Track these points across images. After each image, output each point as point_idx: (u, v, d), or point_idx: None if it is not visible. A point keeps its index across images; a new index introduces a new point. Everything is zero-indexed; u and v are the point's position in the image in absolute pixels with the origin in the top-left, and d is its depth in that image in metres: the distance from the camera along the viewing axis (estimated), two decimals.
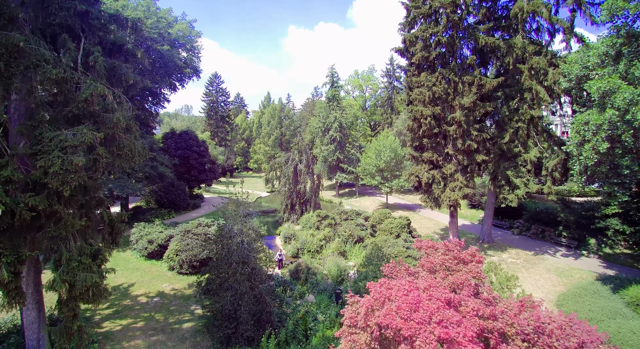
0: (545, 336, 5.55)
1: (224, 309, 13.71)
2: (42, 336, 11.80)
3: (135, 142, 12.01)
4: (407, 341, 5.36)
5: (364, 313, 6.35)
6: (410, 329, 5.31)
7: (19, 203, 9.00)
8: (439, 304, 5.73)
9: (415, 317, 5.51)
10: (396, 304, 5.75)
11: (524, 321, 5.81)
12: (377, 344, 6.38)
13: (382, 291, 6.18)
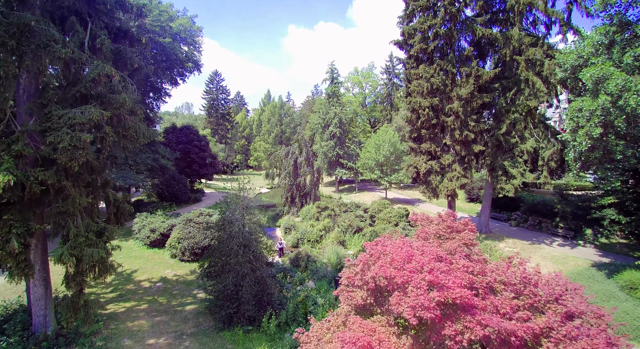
0: (531, 285, 5.88)
1: (226, 290, 14.03)
2: (49, 312, 12.13)
3: (140, 124, 12.37)
4: (400, 288, 5.69)
5: (360, 269, 6.70)
6: (402, 277, 5.64)
7: (29, 177, 9.35)
8: (430, 258, 6.07)
9: (407, 267, 5.84)
10: (390, 256, 6.09)
11: (511, 274, 6.15)
12: (373, 298, 6.72)
13: (377, 248, 6.52)
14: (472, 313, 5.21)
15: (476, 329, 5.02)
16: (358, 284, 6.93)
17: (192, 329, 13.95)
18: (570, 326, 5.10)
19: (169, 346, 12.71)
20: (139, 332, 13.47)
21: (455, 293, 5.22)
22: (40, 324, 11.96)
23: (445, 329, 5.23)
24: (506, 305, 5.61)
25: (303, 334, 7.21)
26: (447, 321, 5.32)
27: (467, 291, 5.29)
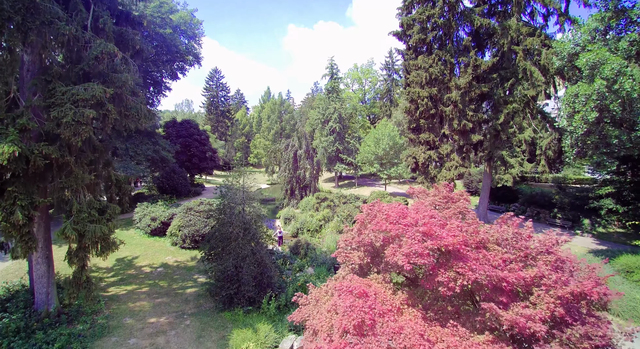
0: (523, 240, 6.06)
1: (227, 271, 14.20)
2: (51, 290, 12.30)
3: (141, 105, 12.54)
4: (395, 241, 5.87)
5: (357, 230, 6.88)
6: (397, 230, 5.82)
7: (33, 150, 9.53)
8: (425, 215, 6.24)
9: (402, 222, 6.02)
10: (386, 213, 6.27)
11: (504, 232, 6.33)
12: (369, 258, 6.90)
13: (374, 208, 6.69)
14: (464, 260, 5.39)
15: (468, 274, 5.20)
16: (355, 246, 7.11)
17: (192, 310, 14.12)
18: (560, 273, 5.28)
19: (170, 324, 12.88)
20: (140, 312, 13.64)
21: (448, 240, 5.39)
22: (42, 302, 12.13)
23: (439, 277, 5.41)
24: (498, 258, 5.79)
25: (302, 297, 7.38)
26: (440, 269, 5.49)
27: (459, 238, 5.47)
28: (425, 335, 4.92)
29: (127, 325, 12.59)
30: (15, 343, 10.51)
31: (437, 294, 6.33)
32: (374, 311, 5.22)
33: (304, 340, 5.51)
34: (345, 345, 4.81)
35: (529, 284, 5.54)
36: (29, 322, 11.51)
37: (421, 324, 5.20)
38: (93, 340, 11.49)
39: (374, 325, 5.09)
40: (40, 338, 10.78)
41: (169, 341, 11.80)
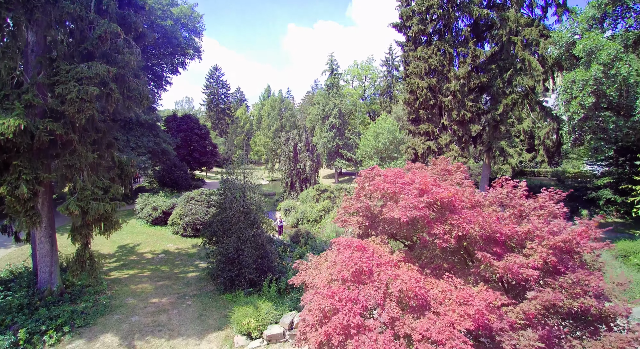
0: (517, 198, 6.22)
1: (228, 253, 14.36)
2: (54, 269, 12.46)
3: (143, 87, 12.73)
4: (393, 198, 6.03)
5: (355, 195, 7.04)
6: (395, 188, 5.98)
7: (38, 126, 9.70)
8: (421, 175, 6.41)
9: (399, 181, 6.19)
10: (383, 174, 6.43)
11: (498, 192, 6.49)
12: (368, 222, 7.07)
13: (372, 171, 6.86)
14: (459, 214, 5.55)
15: (463, 225, 5.36)
16: (354, 211, 7.28)
17: (194, 292, 14.27)
18: (553, 223, 5.45)
19: (172, 304, 13.03)
20: (142, 293, 13.80)
21: (444, 194, 5.56)
22: (45, 281, 12.28)
23: (434, 229, 5.56)
24: (493, 216, 5.94)
25: (302, 263, 7.53)
26: (436, 223, 5.66)
27: (454, 192, 5.64)
28: (421, 283, 5.08)
29: (130, 304, 12.75)
30: (19, 318, 10.67)
31: (433, 254, 6.49)
32: (371, 262, 5.38)
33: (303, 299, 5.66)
34: (344, 290, 4.98)
35: (523, 239, 5.70)
36: (32, 300, 11.67)
37: (417, 274, 5.36)
38: (96, 317, 11.64)
39: (371, 273, 5.25)
40: (43, 313, 10.93)
41: (170, 318, 11.96)
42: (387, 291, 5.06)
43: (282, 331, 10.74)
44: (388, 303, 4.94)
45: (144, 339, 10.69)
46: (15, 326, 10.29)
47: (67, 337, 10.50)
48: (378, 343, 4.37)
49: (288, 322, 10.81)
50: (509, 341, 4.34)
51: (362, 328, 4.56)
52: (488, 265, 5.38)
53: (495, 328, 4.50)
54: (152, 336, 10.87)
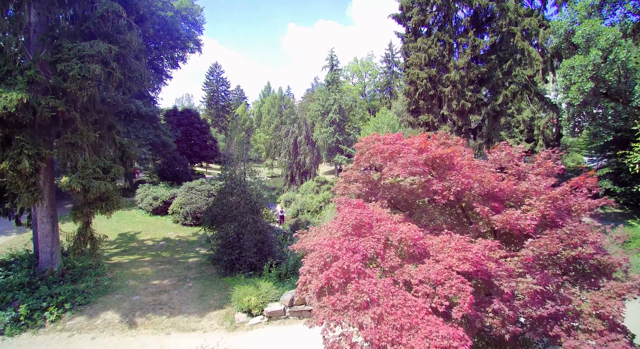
0: (514, 159, 6.28)
1: (228, 237, 14.42)
2: (55, 250, 12.51)
3: (144, 69, 12.79)
4: (393, 159, 6.09)
5: (355, 163, 7.10)
6: (394, 148, 6.04)
7: (40, 102, 9.76)
8: (420, 139, 6.47)
9: (398, 142, 6.25)
10: (383, 138, 6.49)
11: (497, 156, 6.55)
12: (368, 188, 7.12)
13: (372, 137, 6.92)
14: (457, 170, 5.62)
15: (461, 180, 5.41)
16: (354, 179, 7.34)
17: (195, 275, 14.32)
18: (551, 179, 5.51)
19: (173, 285, 13.08)
20: (143, 276, 13.85)
21: (443, 151, 5.62)
22: (46, 261, 12.33)
23: (433, 186, 5.62)
24: (491, 173, 5.99)
25: (303, 233, 7.57)
26: (435, 180, 5.71)
27: (453, 149, 5.70)
28: (421, 234, 5.13)
29: (131, 286, 12.80)
30: (20, 295, 10.70)
31: (433, 216, 6.55)
32: (371, 217, 5.44)
33: (304, 261, 5.71)
34: (344, 241, 5.03)
35: (521, 197, 5.76)
36: (33, 279, 11.71)
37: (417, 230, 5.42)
38: (97, 296, 11.70)
39: (371, 227, 5.30)
40: (44, 291, 10.98)
41: (171, 298, 12.01)
42: (387, 243, 5.12)
43: (283, 308, 10.80)
44: (388, 252, 5.00)
45: (145, 316, 10.74)
46: (16, 303, 10.33)
47: (68, 314, 10.55)
48: (377, 286, 4.42)
49: (288, 299, 10.86)
50: (507, 283, 4.40)
51: (362, 274, 4.62)
52: (486, 220, 5.44)
53: (494, 274, 4.55)
54: (153, 313, 10.92)
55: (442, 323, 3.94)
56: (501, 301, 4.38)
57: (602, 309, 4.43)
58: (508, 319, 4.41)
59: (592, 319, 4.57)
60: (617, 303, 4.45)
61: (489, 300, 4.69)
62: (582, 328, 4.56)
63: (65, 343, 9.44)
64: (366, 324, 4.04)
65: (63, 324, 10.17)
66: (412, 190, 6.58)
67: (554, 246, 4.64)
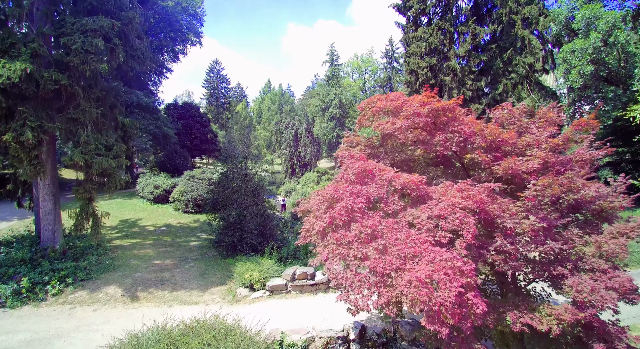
0: (516, 116, 6.31)
1: (229, 218, 14.45)
2: (57, 228, 12.52)
3: (146, 49, 12.85)
4: (395, 113, 6.12)
5: (357, 124, 7.14)
6: (397, 103, 6.07)
7: (43, 74, 9.80)
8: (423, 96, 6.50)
9: (400, 99, 6.28)
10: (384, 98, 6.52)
11: (499, 114, 6.58)
12: (370, 150, 7.16)
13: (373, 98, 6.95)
14: (460, 121, 5.65)
15: (463, 130, 5.45)
16: (355, 143, 7.37)
17: (196, 257, 14.34)
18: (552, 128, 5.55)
19: (175, 265, 13.09)
20: (145, 256, 13.86)
21: (445, 103, 5.65)
22: (48, 239, 12.33)
23: (436, 138, 5.65)
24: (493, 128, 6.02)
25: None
26: (437, 132, 5.74)
27: (454, 100, 5.73)
28: (423, 181, 5.16)
29: (132, 265, 12.81)
30: (21, 270, 10.71)
31: (435, 174, 6.58)
32: (374, 168, 5.47)
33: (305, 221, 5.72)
34: (348, 186, 5.06)
35: (523, 150, 5.78)
36: (34, 256, 11.70)
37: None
38: (99, 273, 11.71)
39: (374, 176, 5.33)
40: (46, 266, 10.99)
41: (173, 275, 12.03)
42: (390, 189, 5.15)
43: (284, 282, 10.82)
44: (391, 198, 5.03)
45: (147, 290, 10.76)
46: (18, 276, 10.35)
47: (70, 288, 10.57)
48: (382, 223, 4.45)
49: (290, 273, 10.88)
50: (510, 220, 4.42)
51: (365, 215, 4.65)
52: (488, 170, 5.46)
53: (496, 214, 4.58)
54: (156, 288, 10.94)
55: (446, 251, 3.97)
56: (504, 238, 4.40)
57: (606, 247, 4.45)
58: (510, 257, 4.43)
59: (596, 259, 4.60)
60: (620, 241, 4.47)
61: (491, 242, 4.72)
62: (586, 268, 4.58)
63: (67, 315, 9.45)
64: (371, 255, 4.06)
65: (65, 298, 10.18)
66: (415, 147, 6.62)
67: (556, 188, 4.66)
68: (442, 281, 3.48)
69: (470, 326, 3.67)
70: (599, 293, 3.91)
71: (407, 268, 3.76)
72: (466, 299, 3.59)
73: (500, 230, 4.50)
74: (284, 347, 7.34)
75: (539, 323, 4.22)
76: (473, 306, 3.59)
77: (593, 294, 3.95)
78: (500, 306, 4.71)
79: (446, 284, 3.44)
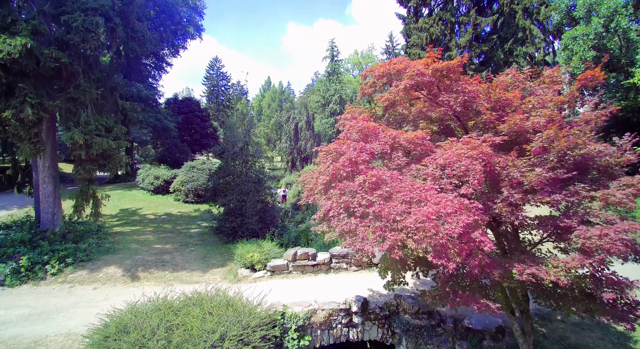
0: (520, 79, 6.26)
1: (230, 204, 14.40)
2: (57, 211, 12.44)
3: (147, 31, 12.80)
4: (397, 76, 6.07)
5: (360, 91, 7.08)
6: (401, 66, 6.02)
7: (43, 52, 9.75)
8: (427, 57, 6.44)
9: (404, 62, 6.23)
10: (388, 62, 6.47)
11: (502, 78, 6.52)
12: (372, 119, 7.10)
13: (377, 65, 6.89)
14: (464, 81, 5.59)
15: (467, 88, 5.39)
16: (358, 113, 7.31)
17: (197, 242, 14.27)
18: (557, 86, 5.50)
19: (175, 249, 13.03)
20: (146, 241, 13.79)
21: (449, 61, 5.60)
22: (48, 222, 12.26)
23: (440, 97, 5.60)
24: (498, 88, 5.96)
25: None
26: (442, 92, 5.69)
27: (458, 59, 5.69)
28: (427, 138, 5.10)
29: (133, 248, 12.75)
30: (21, 249, 10.65)
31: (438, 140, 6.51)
32: (377, 127, 5.41)
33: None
34: (352, 143, 5.00)
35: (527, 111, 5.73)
36: (34, 237, 11.63)
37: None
38: (99, 255, 11.65)
39: (377, 134, 5.28)
40: (45, 246, 10.93)
41: (174, 258, 11.96)
42: (394, 145, 5.09)
43: (286, 263, 10.76)
44: (395, 153, 4.97)
45: (148, 271, 10.70)
46: (17, 255, 10.28)
47: (70, 268, 10.50)
48: (386, 173, 4.39)
49: (292, 254, 10.82)
50: (517, 170, 4.36)
51: (369, 168, 4.59)
52: (493, 130, 5.40)
53: (503, 166, 4.52)
54: (156, 269, 10.88)
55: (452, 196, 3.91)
56: (510, 188, 4.34)
57: (613, 198, 4.38)
58: (517, 208, 4.37)
59: (603, 211, 4.54)
60: (627, 191, 4.41)
61: (497, 196, 4.66)
62: (593, 220, 4.52)
63: (67, 292, 9.39)
64: (376, 201, 4.00)
65: (64, 277, 10.12)
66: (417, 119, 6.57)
67: (562, 141, 4.60)
68: (449, 216, 3.43)
69: (477, 264, 3.62)
70: (608, 236, 3.85)
71: (413, 212, 3.70)
72: (473, 237, 3.54)
73: (506, 181, 4.44)
74: (285, 318, 7.27)
75: (546, 274, 4.16)
76: (480, 244, 3.54)
77: (602, 239, 3.88)
78: (506, 262, 4.65)
79: (453, 218, 3.38)
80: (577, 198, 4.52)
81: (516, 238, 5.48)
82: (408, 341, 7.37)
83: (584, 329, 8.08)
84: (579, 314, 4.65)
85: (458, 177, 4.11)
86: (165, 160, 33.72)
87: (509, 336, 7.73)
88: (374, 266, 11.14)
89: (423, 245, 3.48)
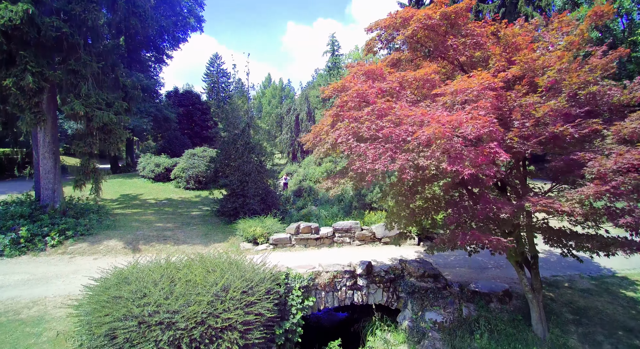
0: (528, 29, 6.17)
1: (232, 185, 14.29)
2: (58, 188, 12.34)
3: (148, 8, 12.72)
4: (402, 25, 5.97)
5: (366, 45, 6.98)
6: (408, 14, 5.92)
7: (44, 21, 9.66)
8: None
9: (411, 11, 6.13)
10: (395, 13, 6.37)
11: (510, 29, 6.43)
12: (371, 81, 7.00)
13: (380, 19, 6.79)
14: (473, 23, 5.50)
15: (476, 30, 5.30)
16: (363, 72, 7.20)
17: (198, 223, 14.14)
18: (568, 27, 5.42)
19: (177, 228, 12.92)
20: (147, 220, 13.68)
21: (457, 5, 5.51)
22: (48, 198, 12.15)
23: (448, 41, 5.51)
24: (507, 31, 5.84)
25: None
26: (449, 36, 5.60)
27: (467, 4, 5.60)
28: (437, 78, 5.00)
29: (134, 225, 12.63)
30: (20, 222, 10.52)
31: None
32: (384, 70, 5.32)
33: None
34: (359, 82, 4.90)
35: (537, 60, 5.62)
36: (34, 212, 11.50)
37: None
38: (100, 230, 11.54)
39: (384, 77, 5.19)
40: (45, 220, 10.81)
41: (176, 234, 11.86)
42: (402, 84, 5.00)
43: (288, 236, 10.65)
44: (403, 92, 4.88)
45: (149, 244, 10.59)
46: (17, 227, 10.17)
47: (70, 240, 10.39)
48: (396, 104, 4.29)
49: (294, 227, 10.71)
50: (528, 100, 4.27)
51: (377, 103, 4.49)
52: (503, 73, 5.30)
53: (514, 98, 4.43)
54: (158, 242, 10.77)
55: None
56: (523, 117, 4.24)
57: (625, 130, 4.28)
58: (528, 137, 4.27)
59: (616, 145, 4.44)
60: None
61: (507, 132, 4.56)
62: (605, 154, 4.42)
63: (67, 262, 9.28)
64: (386, 125, 3.91)
65: (64, 249, 10.00)
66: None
67: (574, 75, 4.50)
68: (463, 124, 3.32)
69: (494, 175, 3.51)
70: (625, 157, 3.75)
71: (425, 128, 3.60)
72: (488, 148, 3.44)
73: (519, 107, 4.33)
74: (289, 278, 7.16)
75: (559, 206, 4.05)
76: (495, 155, 3.44)
77: (618, 163, 3.78)
78: (518, 200, 4.55)
79: (468, 122, 3.27)
80: (589, 130, 4.42)
81: (524, 184, 5.37)
82: (414, 303, 7.26)
83: (592, 295, 7.97)
84: (594, 250, 4.54)
85: (470, 104, 4.01)
86: (165, 152, 33.56)
87: (517, 299, 7.64)
88: (377, 240, 11.04)
89: (437, 154, 3.38)
